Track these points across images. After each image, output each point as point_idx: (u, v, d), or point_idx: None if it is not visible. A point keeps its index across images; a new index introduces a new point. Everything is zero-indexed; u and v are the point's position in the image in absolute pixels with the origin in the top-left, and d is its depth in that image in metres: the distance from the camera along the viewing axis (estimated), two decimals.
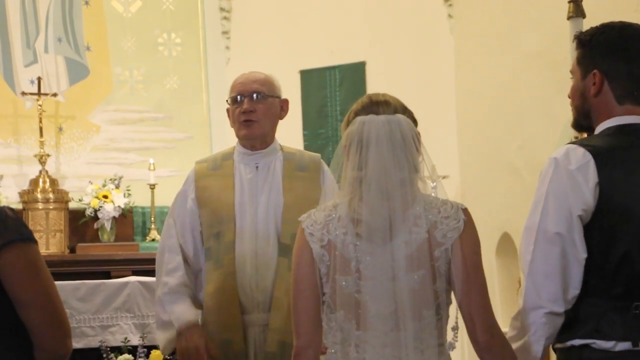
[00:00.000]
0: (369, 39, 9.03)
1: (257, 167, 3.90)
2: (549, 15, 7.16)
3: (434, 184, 9.34)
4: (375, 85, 8.89)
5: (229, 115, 3.94)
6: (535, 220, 2.75)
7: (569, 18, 5.17)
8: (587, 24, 5.17)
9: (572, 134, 4.95)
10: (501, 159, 8.09)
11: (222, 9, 9.42)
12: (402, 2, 8.99)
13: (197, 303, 3.85)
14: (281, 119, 3.98)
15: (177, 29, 9.29)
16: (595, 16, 6.47)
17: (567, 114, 5.65)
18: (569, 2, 5.19)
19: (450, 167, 8.49)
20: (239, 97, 3.84)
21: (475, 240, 2.57)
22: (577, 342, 2.71)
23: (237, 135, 3.93)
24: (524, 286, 2.74)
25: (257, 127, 3.87)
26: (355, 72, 9.02)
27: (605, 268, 2.71)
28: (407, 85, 8.82)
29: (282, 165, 3.91)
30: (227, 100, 3.93)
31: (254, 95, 3.82)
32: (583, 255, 2.71)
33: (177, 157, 9.01)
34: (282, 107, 3.96)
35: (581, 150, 2.77)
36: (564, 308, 2.71)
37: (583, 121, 2.92)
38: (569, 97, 2.95)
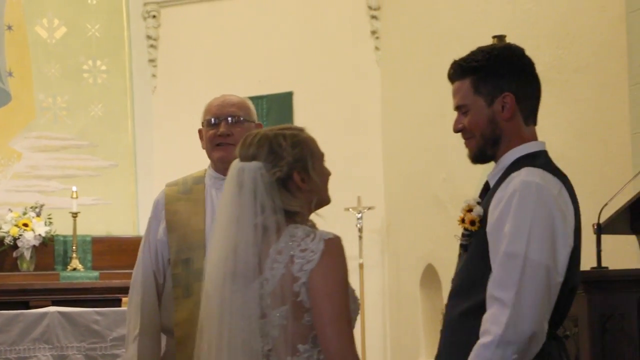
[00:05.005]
0: (296, 69, 9.07)
1: None
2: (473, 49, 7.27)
3: (360, 214, 9.36)
4: (302, 115, 8.92)
5: (201, 137, 3.89)
6: (520, 248, 2.56)
7: None
8: None
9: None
10: (426, 191, 8.17)
11: (149, 37, 9.38)
12: (329, 34, 9.05)
13: (162, 329, 3.79)
14: None
15: (103, 56, 9.22)
16: None
17: None
18: (493, 37, 5.27)
19: (376, 199, 8.54)
20: (214, 119, 3.81)
21: (332, 271, 2.50)
22: None
23: (211, 158, 3.87)
24: (505, 317, 2.53)
25: (232, 150, 3.83)
26: (283, 102, 9.03)
27: (560, 298, 2.65)
28: (334, 116, 8.86)
29: None
30: (205, 123, 3.87)
31: (230, 119, 3.79)
32: (561, 286, 2.63)
33: (100, 185, 8.91)
34: None
35: (550, 176, 2.66)
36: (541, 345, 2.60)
37: (490, 150, 2.76)
38: (462, 130, 2.80)
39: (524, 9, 7.54)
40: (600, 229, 4.40)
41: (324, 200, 2.70)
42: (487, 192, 2.78)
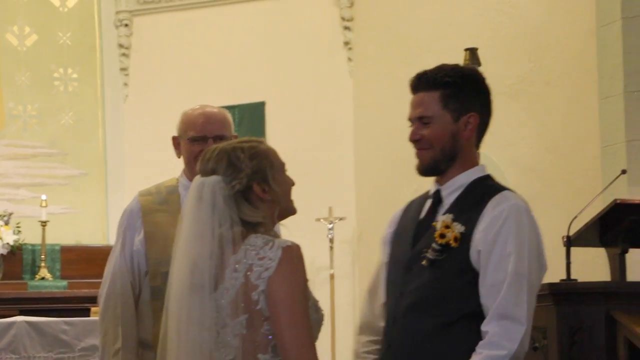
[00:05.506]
0: (269, 79, 9.06)
1: None
2: (445, 62, 7.29)
3: (331, 225, 9.34)
4: (274, 125, 8.92)
5: (176, 146, 3.84)
6: (524, 268, 2.70)
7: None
8: (482, 71, 5.29)
9: None
10: (397, 201, 8.14)
11: (120, 46, 9.34)
12: (302, 44, 9.06)
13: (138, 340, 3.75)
14: None
15: (74, 64, 9.17)
16: (490, 64, 6.66)
17: None
18: (465, 50, 5.29)
19: (347, 209, 8.54)
20: (199, 136, 3.76)
21: (289, 278, 2.51)
22: None
23: (192, 172, 3.81)
24: (520, 335, 2.67)
25: None
26: (255, 112, 9.02)
27: None
28: (306, 126, 8.86)
29: None
30: (188, 138, 3.80)
31: (217, 138, 3.75)
32: None
33: (70, 194, 8.85)
34: None
35: (522, 199, 2.80)
36: None
37: (444, 164, 2.85)
38: (419, 140, 2.85)
39: (496, 21, 7.59)
40: (570, 242, 4.45)
41: (288, 210, 2.72)
42: (438, 204, 2.86)
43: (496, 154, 7.27)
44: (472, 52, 5.31)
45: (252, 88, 9.04)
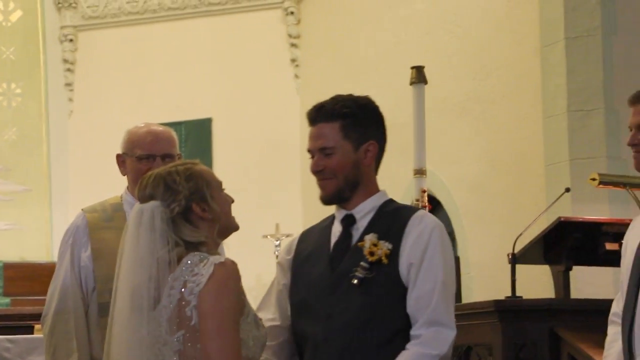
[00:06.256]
0: (216, 95, 9.06)
1: None
2: (392, 80, 7.34)
3: (278, 242, 9.32)
4: (221, 142, 8.90)
5: (120, 164, 3.82)
6: (449, 279, 2.88)
7: (411, 84, 5.27)
8: (429, 89, 5.34)
9: (411, 197, 5.05)
10: None
11: (65, 61, 9.27)
12: (249, 60, 9.06)
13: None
14: None
15: (18, 79, 9.08)
16: (437, 82, 6.72)
17: (407, 177, 5.80)
18: (412, 68, 5.32)
19: (294, 226, 8.51)
20: (147, 155, 3.74)
21: (218, 293, 2.57)
22: None
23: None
24: (451, 338, 2.82)
25: None
26: (201, 129, 9.00)
27: None
28: (253, 143, 8.86)
29: None
30: (136, 156, 3.76)
31: (164, 157, 3.75)
32: None
33: (14, 210, 8.76)
34: None
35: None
36: None
37: (348, 192, 2.94)
38: (322, 171, 2.95)
39: (443, 40, 7.67)
40: (515, 259, 4.49)
41: (230, 227, 2.77)
42: (351, 227, 2.94)
43: (442, 171, 7.34)
44: (419, 70, 5.29)
45: (199, 104, 9.03)
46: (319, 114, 2.96)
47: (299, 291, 2.99)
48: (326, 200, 2.98)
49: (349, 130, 2.92)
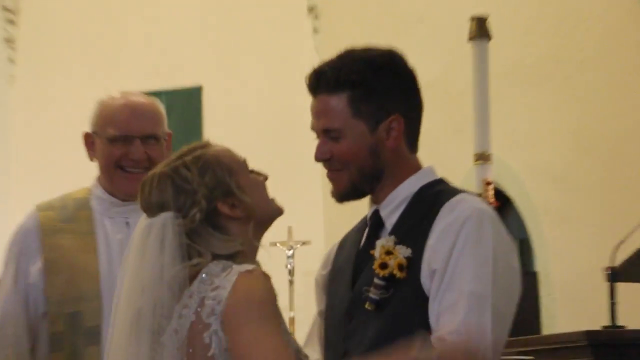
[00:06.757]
0: (207, 59, 9.10)
1: (127, 223, 3.80)
2: (444, 35, 7.33)
3: (290, 251, 9.34)
4: (213, 116, 8.93)
5: (88, 145, 3.82)
6: (486, 288, 2.67)
7: (470, 39, 5.33)
8: (494, 48, 5.33)
9: (471, 190, 5.03)
10: None
11: (4, 8, 9.29)
12: (251, 10, 9.09)
13: None
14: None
15: None
16: (504, 38, 6.67)
17: (465, 164, 5.76)
18: (471, 20, 5.35)
19: (312, 230, 8.49)
20: (122, 135, 3.75)
21: (246, 308, 2.55)
22: None
23: (115, 187, 3.80)
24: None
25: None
26: (188, 100, 9.04)
27: None
28: (256, 119, 8.88)
29: None
30: (107, 137, 3.76)
31: (146, 138, 3.75)
32: None
33: None
34: (167, 146, 3.91)
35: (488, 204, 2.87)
36: None
37: (367, 186, 2.86)
38: (329, 160, 2.87)
39: None
40: (614, 275, 4.52)
41: (270, 214, 2.81)
42: (379, 228, 2.86)
43: (513, 157, 7.31)
44: (480, 22, 5.36)
45: (185, 69, 9.09)
46: (319, 82, 2.88)
47: (327, 319, 2.97)
48: (338, 197, 2.91)
49: (360, 103, 2.82)
